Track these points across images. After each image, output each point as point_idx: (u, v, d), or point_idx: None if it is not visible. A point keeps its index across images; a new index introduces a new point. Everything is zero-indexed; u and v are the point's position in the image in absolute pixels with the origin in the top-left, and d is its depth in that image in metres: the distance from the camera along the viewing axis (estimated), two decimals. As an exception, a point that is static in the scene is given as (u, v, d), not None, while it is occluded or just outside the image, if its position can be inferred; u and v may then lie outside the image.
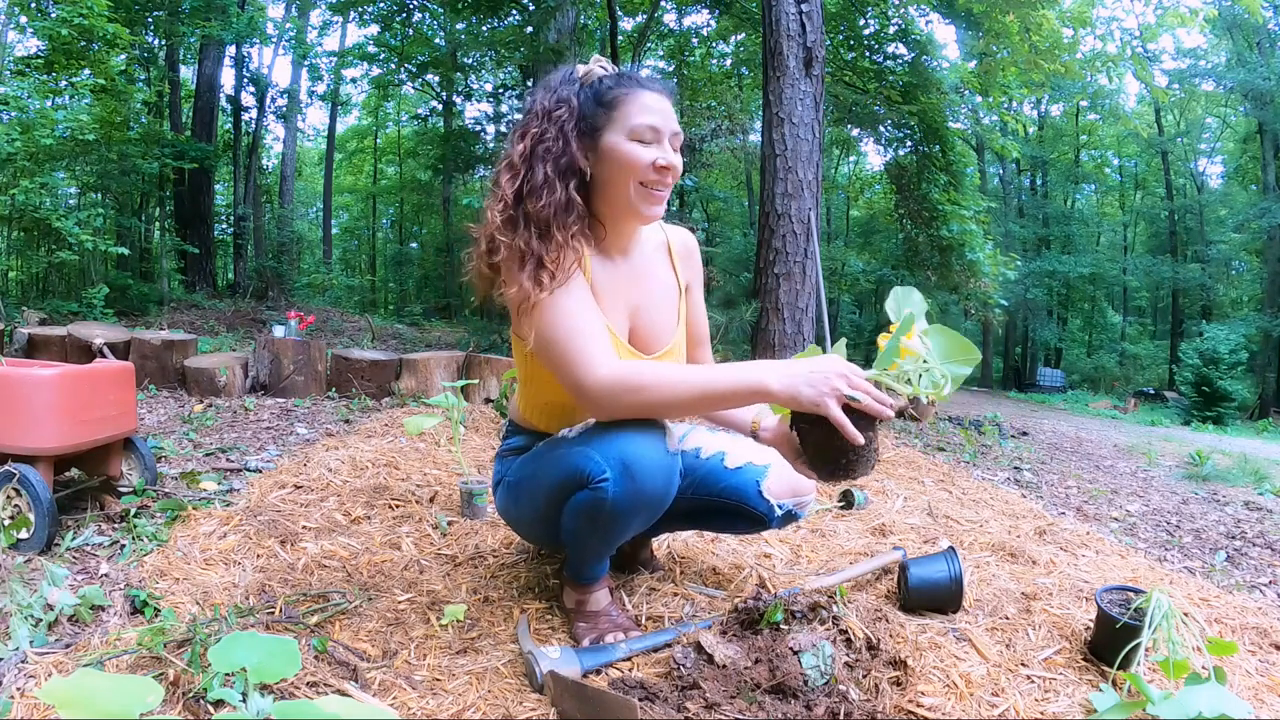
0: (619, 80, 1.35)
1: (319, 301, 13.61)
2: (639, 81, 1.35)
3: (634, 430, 1.24)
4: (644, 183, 1.32)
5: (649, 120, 1.31)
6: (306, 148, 22.05)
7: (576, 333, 1.24)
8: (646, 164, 1.31)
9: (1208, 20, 11.15)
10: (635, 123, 1.31)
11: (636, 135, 1.31)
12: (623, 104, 1.32)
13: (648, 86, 1.34)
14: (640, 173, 1.31)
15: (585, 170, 1.33)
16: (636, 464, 1.21)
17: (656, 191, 1.34)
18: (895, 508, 2.45)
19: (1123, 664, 1.26)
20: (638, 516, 1.27)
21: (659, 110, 1.33)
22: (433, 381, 4.52)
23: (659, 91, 1.35)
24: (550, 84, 1.37)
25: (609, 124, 1.32)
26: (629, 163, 1.31)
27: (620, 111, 1.32)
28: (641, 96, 1.33)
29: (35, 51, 8.15)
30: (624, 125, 1.31)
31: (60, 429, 1.86)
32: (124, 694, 0.84)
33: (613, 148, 1.32)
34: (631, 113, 1.32)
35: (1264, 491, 3.76)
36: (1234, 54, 17.76)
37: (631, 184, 1.32)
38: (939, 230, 8.36)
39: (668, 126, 1.33)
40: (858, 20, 8.92)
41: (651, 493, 1.24)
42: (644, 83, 1.35)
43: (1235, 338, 13.51)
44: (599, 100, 1.33)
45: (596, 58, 1.41)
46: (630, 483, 1.21)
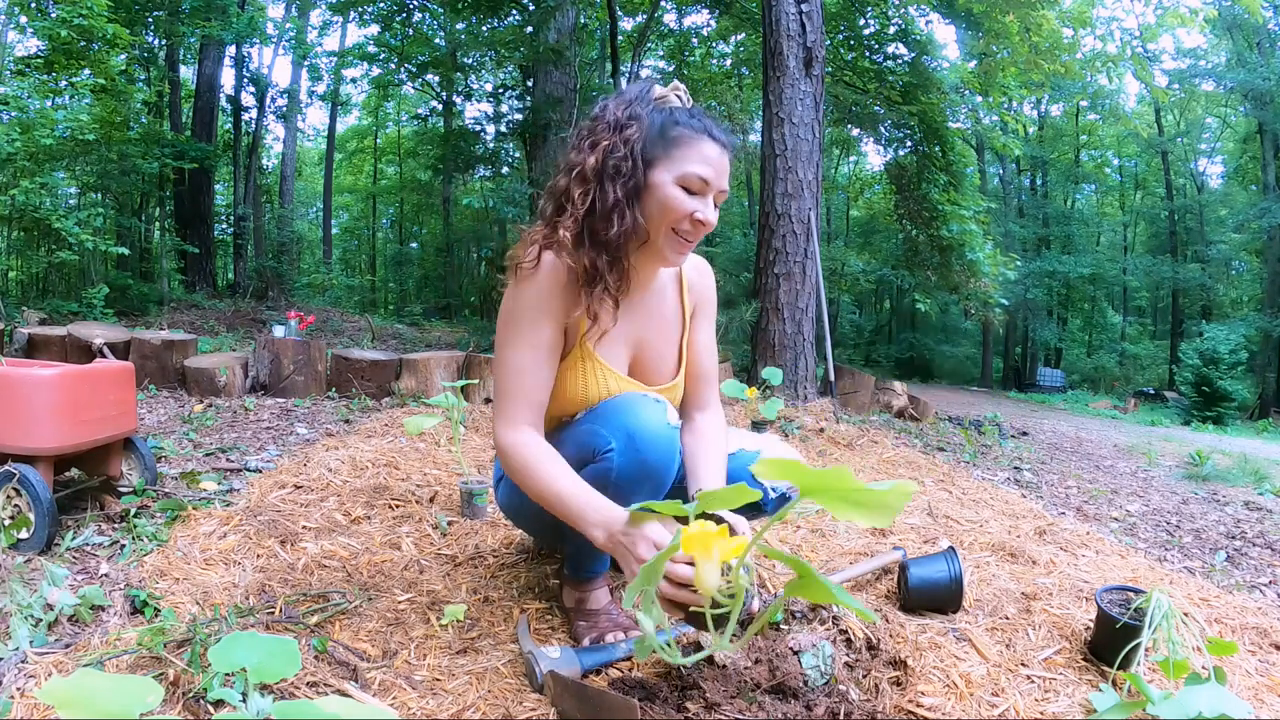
0: (690, 118, 1.30)
1: (319, 301, 13.61)
2: (708, 128, 1.30)
3: (637, 402, 1.30)
4: (677, 230, 1.29)
5: (702, 172, 1.27)
6: (306, 148, 22.06)
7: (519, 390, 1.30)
8: (686, 214, 1.28)
9: (1208, 20, 11.16)
10: (689, 170, 1.27)
11: (685, 182, 1.27)
12: (683, 146, 1.28)
13: (715, 137, 1.30)
14: (677, 220, 1.28)
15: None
16: (640, 434, 1.26)
17: (686, 241, 1.31)
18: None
19: (1123, 664, 1.26)
20: (642, 488, 1.28)
21: (716, 165, 1.29)
22: (433, 381, 4.52)
23: (723, 146, 1.31)
24: (625, 96, 1.33)
25: (664, 161, 1.29)
26: (670, 207, 1.27)
27: (679, 153, 1.28)
28: (704, 145, 1.29)
29: (35, 51, 8.15)
30: (677, 168, 1.28)
31: (60, 429, 1.86)
32: (124, 694, 0.84)
33: (658, 186, 1.28)
34: (689, 158, 1.28)
35: (1264, 491, 3.76)
36: (1234, 54, 17.76)
37: (665, 228, 1.29)
38: (939, 230, 8.36)
39: (718, 183, 1.30)
40: (858, 20, 8.93)
41: (655, 462, 1.27)
42: (712, 131, 1.31)
43: (1235, 338, 13.50)
44: (663, 133, 1.29)
45: (676, 84, 1.36)
46: (635, 453, 1.25)
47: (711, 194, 1.30)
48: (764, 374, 3.78)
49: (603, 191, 1.27)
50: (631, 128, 1.28)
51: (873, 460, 3.37)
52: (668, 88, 1.36)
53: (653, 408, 1.29)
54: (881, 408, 5.63)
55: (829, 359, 5.57)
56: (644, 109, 1.30)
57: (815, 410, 4.58)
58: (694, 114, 1.32)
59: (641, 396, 1.31)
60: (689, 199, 1.28)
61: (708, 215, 1.29)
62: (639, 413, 1.28)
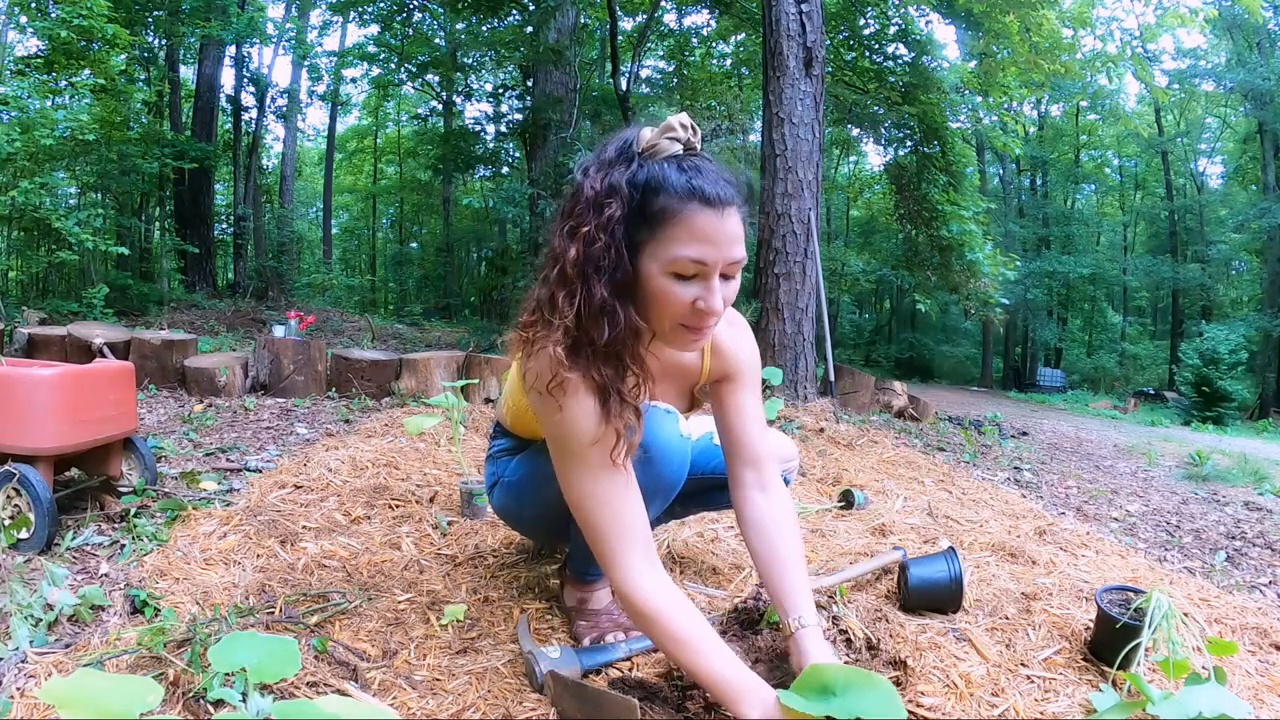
0: (678, 175, 1.04)
1: (319, 301, 13.61)
2: (696, 189, 1.03)
3: (649, 415, 1.20)
4: (683, 324, 1.09)
5: (692, 254, 1.03)
6: (306, 148, 22.06)
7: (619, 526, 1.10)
8: (684, 306, 1.06)
9: (1208, 20, 11.15)
10: (676, 254, 1.03)
11: (676, 269, 1.04)
12: (667, 222, 1.03)
13: (706, 199, 1.03)
14: (676, 316, 1.08)
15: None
16: (653, 448, 1.21)
17: (698, 332, 1.10)
18: (895, 508, 2.45)
19: (1123, 664, 1.26)
20: (653, 501, 1.26)
21: (711, 237, 1.03)
22: (433, 381, 4.52)
23: (718, 209, 1.03)
24: (605, 156, 1.09)
25: (650, 244, 1.05)
26: (663, 302, 1.06)
27: (664, 232, 1.04)
28: (692, 218, 1.02)
29: (35, 51, 8.15)
30: (664, 252, 1.04)
31: (60, 429, 1.86)
32: (124, 694, 0.84)
33: (648, 278, 1.06)
34: (674, 237, 1.03)
35: (1264, 491, 3.76)
36: (1234, 54, 17.76)
37: (666, 323, 1.09)
38: (939, 230, 8.37)
39: (720, 256, 1.04)
40: (858, 20, 8.93)
41: (667, 476, 1.25)
42: (703, 191, 1.03)
43: (1235, 338, 13.50)
44: (644, 209, 1.04)
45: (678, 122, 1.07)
46: (649, 466, 1.21)
47: (715, 271, 1.06)
48: (764, 374, 3.78)
49: (588, 291, 1.04)
50: (611, 205, 1.04)
51: (872, 460, 3.37)
52: (659, 129, 1.08)
53: (664, 419, 1.24)
54: (881, 408, 5.63)
55: (829, 359, 5.57)
56: (622, 174, 1.05)
57: (815, 410, 4.58)
58: (684, 168, 1.05)
59: (652, 408, 1.23)
60: (685, 288, 1.05)
61: (711, 303, 1.05)
62: (651, 424, 1.20)
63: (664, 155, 1.06)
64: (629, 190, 1.04)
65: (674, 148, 1.06)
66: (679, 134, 1.07)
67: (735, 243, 1.05)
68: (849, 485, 2.68)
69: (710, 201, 1.03)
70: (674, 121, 1.07)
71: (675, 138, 1.07)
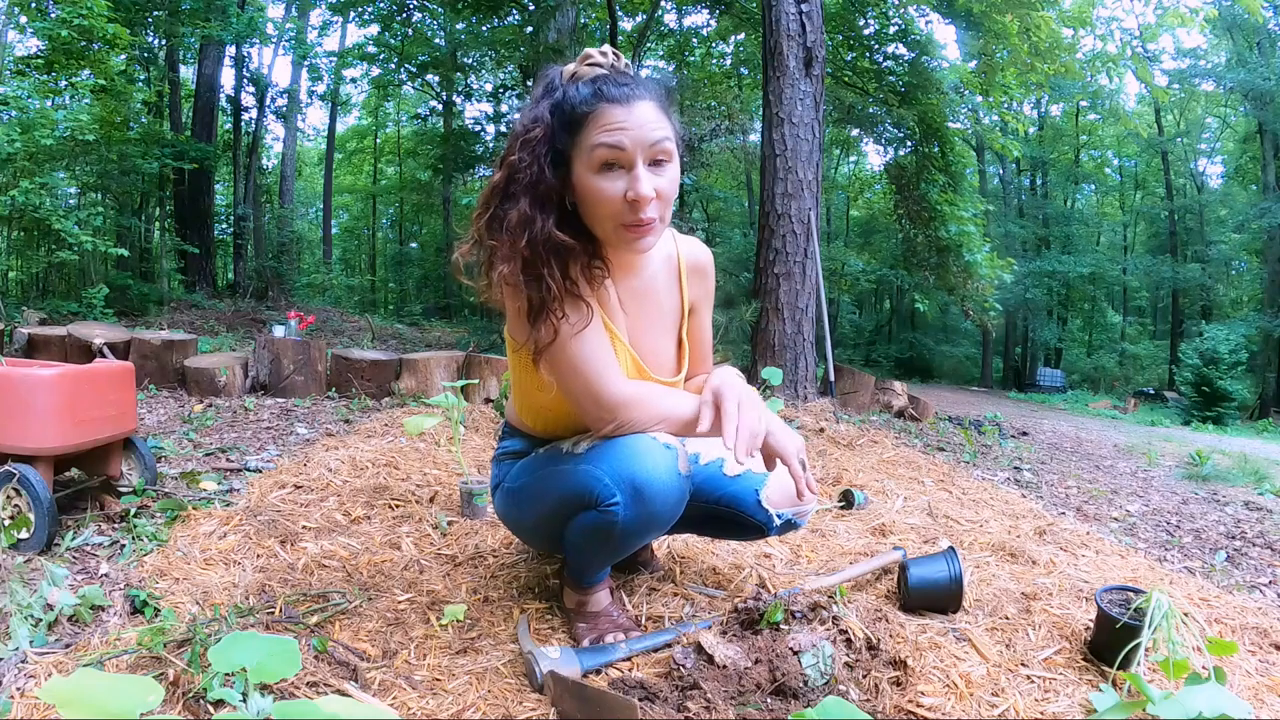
0: (591, 90, 1.12)
1: (319, 301, 13.62)
2: (601, 91, 1.11)
3: (644, 450, 1.19)
4: (623, 224, 1.14)
5: (606, 140, 1.09)
6: (306, 148, 22.06)
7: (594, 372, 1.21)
8: (615, 200, 1.12)
9: (1208, 20, 11.16)
10: (593, 147, 1.10)
11: (596, 164, 1.11)
12: (585, 125, 1.11)
13: (609, 97, 1.10)
14: (612, 213, 1.13)
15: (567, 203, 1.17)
16: (648, 488, 1.18)
17: (637, 228, 1.14)
18: (895, 508, 2.45)
19: (1123, 664, 1.26)
20: (646, 536, 1.27)
21: (621, 125, 1.09)
22: (433, 381, 4.52)
23: (624, 101, 1.10)
24: (535, 93, 1.19)
25: (575, 152, 1.13)
26: (595, 202, 1.13)
27: (583, 135, 1.11)
28: (601, 113, 1.10)
29: (35, 51, 8.15)
30: (584, 153, 1.11)
31: (60, 429, 1.86)
32: (124, 694, 0.84)
33: (579, 183, 1.14)
34: (589, 137, 1.11)
35: (1264, 491, 3.76)
36: (1234, 54, 17.76)
37: (608, 226, 1.15)
38: (937, 231, 8.37)
39: (638, 141, 1.10)
40: (857, 20, 8.93)
41: (661, 515, 1.23)
42: (609, 93, 1.11)
43: (1235, 338, 13.50)
44: (566, 121, 1.13)
45: (597, 51, 1.17)
46: (641, 507, 1.18)
47: (639, 158, 1.11)
48: (764, 374, 3.77)
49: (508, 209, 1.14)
50: (534, 129, 1.14)
51: (872, 460, 3.37)
52: (578, 59, 1.17)
53: (661, 455, 1.19)
54: (881, 408, 5.63)
55: (829, 359, 5.57)
56: (547, 104, 1.15)
57: (815, 410, 4.58)
58: (599, 82, 1.12)
59: (650, 442, 1.20)
60: (611, 182, 1.11)
61: (639, 189, 1.10)
62: (646, 463, 1.18)
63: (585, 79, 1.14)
64: (550, 115, 1.13)
65: (595, 72, 1.14)
66: (598, 60, 1.14)
67: (649, 127, 1.10)
68: (849, 485, 2.68)
69: (615, 98, 1.10)
70: (592, 51, 1.16)
71: (595, 63, 1.14)
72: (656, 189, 1.12)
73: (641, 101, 1.11)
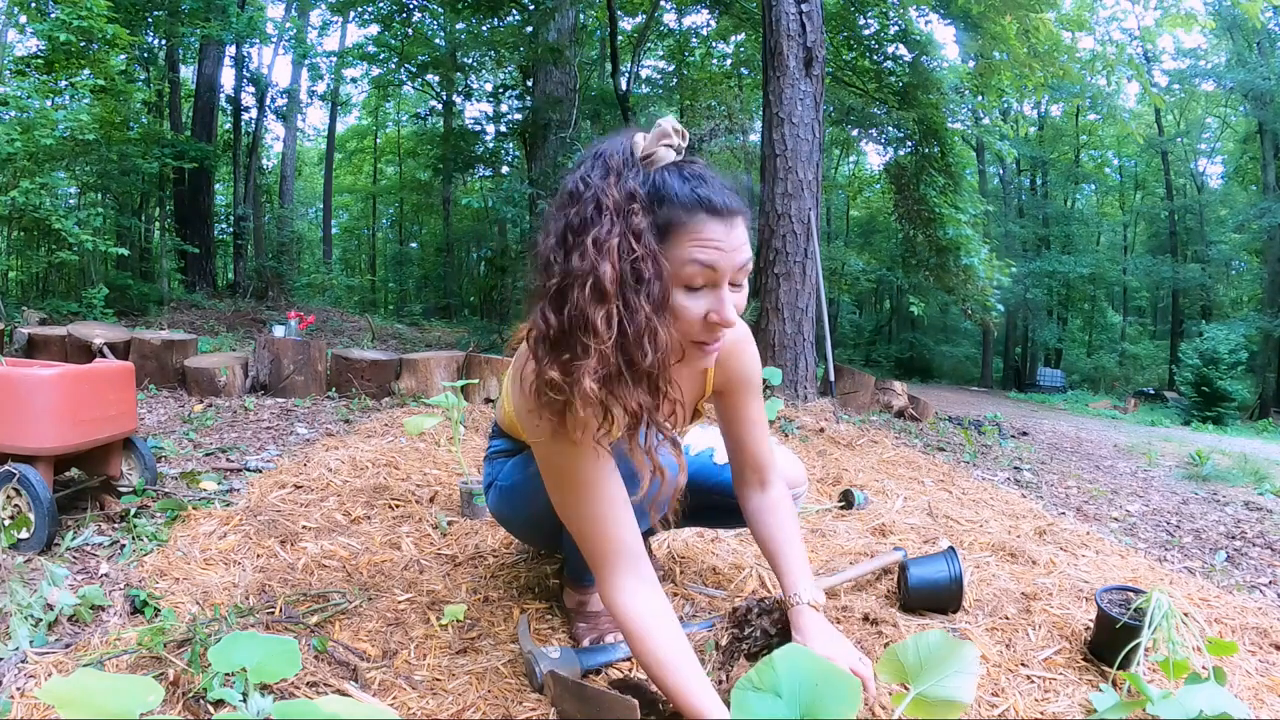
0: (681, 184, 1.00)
1: (319, 301, 13.61)
2: (702, 198, 0.99)
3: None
4: (695, 340, 1.05)
5: (703, 258, 0.99)
6: (306, 148, 22.06)
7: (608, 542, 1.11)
8: (696, 321, 1.03)
9: (1205, 27, 11.15)
10: (686, 266, 0.99)
11: (686, 280, 1.01)
12: (676, 233, 0.99)
13: (713, 209, 0.99)
14: (689, 332, 1.04)
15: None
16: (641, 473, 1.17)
17: (708, 347, 1.07)
18: (895, 508, 2.45)
19: (1123, 664, 1.26)
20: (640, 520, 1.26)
21: (719, 244, 1.00)
22: (433, 381, 4.52)
23: (725, 215, 1.00)
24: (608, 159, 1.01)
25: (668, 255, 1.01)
26: (675, 318, 1.02)
27: (673, 243, 0.99)
28: (700, 225, 0.99)
29: (35, 51, 8.15)
30: (675, 262, 1.00)
31: (60, 429, 1.86)
32: (124, 694, 0.84)
33: None
34: (685, 248, 0.99)
35: (1264, 491, 3.76)
36: (1234, 54, 17.75)
37: (678, 335, 1.04)
38: (936, 232, 8.37)
39: (730, 262, 1.01)
40: (857, 20, 8.93)
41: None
42: (709, 199, 0.99)
43: (1235, 338, 13.50)
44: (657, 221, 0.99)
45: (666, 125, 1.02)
46: (635, 491, 1.17)
47: (726, 277, 1.02)
48: (764, 374, 3.77)
49: (629, 309, 0.96)
50: (637, 213, 0.97)
51: (873, 460, 3.37)
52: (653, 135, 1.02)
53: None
54: (881, 408, 5.63)
55: (829, 359, 5.57)
56: (636, 182, 0.99)
57: (815, 410, 4.58)
58: (687, 176, 1.01)
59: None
60: (696, 301, 1.02)
61: (724, 313, 1.02)
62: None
63: (662, 163, 1.02)
64: (647, 198, 0.99)
65: (670, 155, 1.02)
66: (674, 140, 1.02)
67: (743, 249, 1.02)
68: (849, 485, 2.68)
69: (718, 210, 1.00)
70: (668, 126, 1.02)
71: (671, 144, 1.02)
72: (736, 307, 1.04)
73: (739, 218, 1.02)
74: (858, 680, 0.97)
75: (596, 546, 1.11)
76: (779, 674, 0.95)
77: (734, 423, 1.33)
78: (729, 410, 1.33)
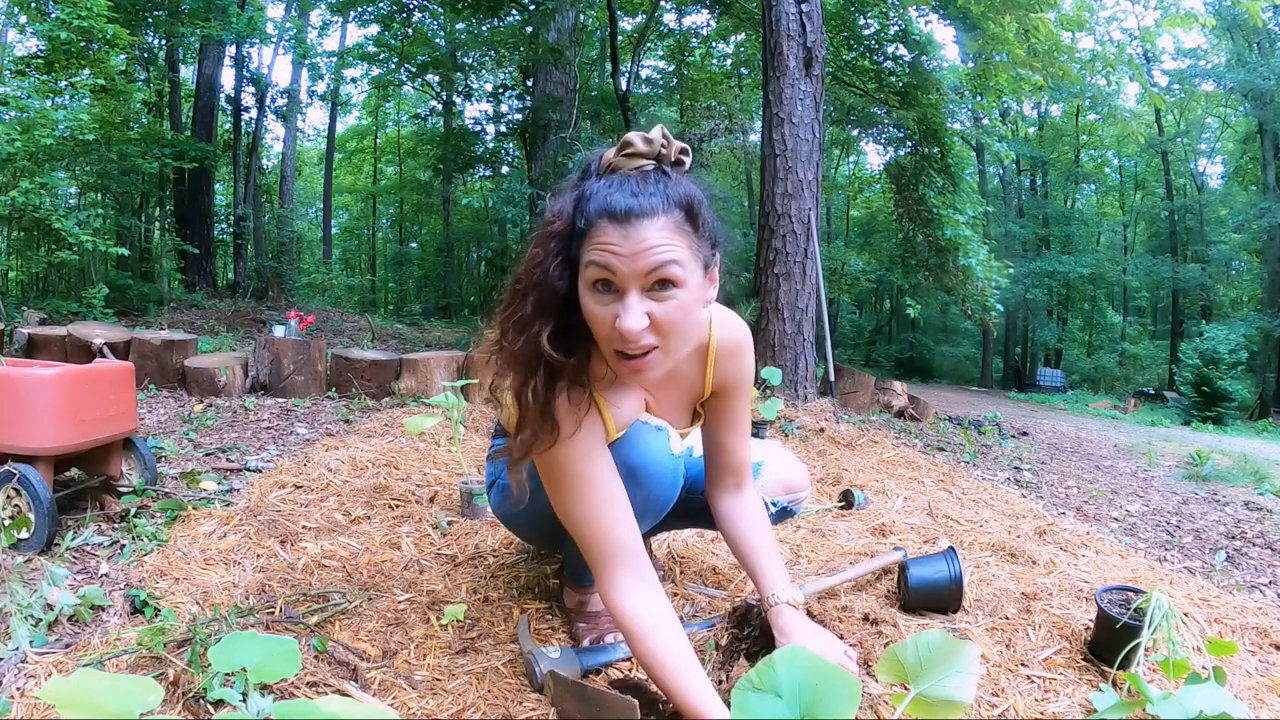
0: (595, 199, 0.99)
1: (319, 301, 13.61)
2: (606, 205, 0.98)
3: (636, 436, 1.19)
4: (615, 350, 1.02)
5: (598, 259, 0.97)
6: (306, 148, 22.05)
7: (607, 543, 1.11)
8: (607, 324, 1.00)
9: (1205, 26, 11.15)
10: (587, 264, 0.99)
11: (589, 281, 1.00)
12: (585, 236, 0.99)
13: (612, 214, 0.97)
14: (605, 337, 1.02)
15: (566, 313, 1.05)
16: (642, 469, 1.18)
17: (629, 361, 1.02)
18: (895, 508, 2.45)
19: (1123, 664, 1.26)
20: (642, 521, 1.26)
21: (614, 247, 0.97)
22: (433, 381, 4.52)
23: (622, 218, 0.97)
24: (573, 176, 1.08)
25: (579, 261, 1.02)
26: (590, 320, 1.02)
27: (583, 246, 1.00)
28: (599, 231, 0.98)
29: (35, 51, 8.15)
30: (583, 267, 1.00)
31: (60, 429, 1.86)
32: (124, 694, 0.84)
33: (581, 296, 1.02)
34: (587, 251, 0.99)
35: (1264, 491, 3.76)
36: (1234, 54, 17.75)
37: (606, 349, 1.04)
38: (936, 232, 8.37)
39: (628, 266, 0.96)
40: (858, 20, 8.93)
41: (657, 497, 1.23)
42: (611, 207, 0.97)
43: (1235, 338, 13.49)
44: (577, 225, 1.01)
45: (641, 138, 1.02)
46: (636, 489, 1.18)
47: (632, 284, 0.97)
48: (764, 374, 3.77)
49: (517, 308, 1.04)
50: (554, 224, 1.02)
51: (873, 460, 3.37)
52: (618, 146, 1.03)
53: (654, 437, 1.20)
54: (881, 408, 5.63)
55: (829, 359, 5.57)
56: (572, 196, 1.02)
57: (815, 410, 4.58)
58: (612, 182, 1.00)
59: (642, 425, 1.20)
60: (605, 306, 0.99)
61: (624, 320, 0.97)
62: (639, 445, 1.18)
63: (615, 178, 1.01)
64: (572, 208, 1.02)
65: (635, 163, 1.01)
66: (639, 148, 1.01)
67: (648, 251, 0.96)
68: (849, 485, 2.68)
69: (615, 213, 0.97)
70: (634, 137, 1.02)
71: (635, 152, 1.01)
72: (652, 316, 0.98)
73: (645, 220, 0.97)
74: (858, 680, 0.97)
75: (596, 546, 1.12)
76: (779, 674, 0.95)
77: (719, 425, 1.33)
78: (717, 412, 1.33)
